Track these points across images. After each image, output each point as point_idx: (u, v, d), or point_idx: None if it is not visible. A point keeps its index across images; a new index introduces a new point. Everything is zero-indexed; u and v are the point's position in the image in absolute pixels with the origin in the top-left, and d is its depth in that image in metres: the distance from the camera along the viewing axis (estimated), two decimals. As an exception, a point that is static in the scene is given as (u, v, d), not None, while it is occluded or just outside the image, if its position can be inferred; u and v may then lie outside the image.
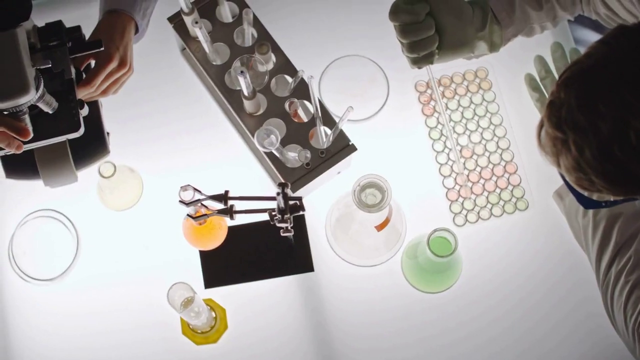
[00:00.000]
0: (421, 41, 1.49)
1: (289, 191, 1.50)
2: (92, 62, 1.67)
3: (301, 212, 1.51)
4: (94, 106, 1.67)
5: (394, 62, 1.82)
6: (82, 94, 1.60)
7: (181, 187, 1.51)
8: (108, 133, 1.69)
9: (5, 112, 1.44)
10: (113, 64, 1.62)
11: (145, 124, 1.83)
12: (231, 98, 1.67)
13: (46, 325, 1.73)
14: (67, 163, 1.62)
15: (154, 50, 1.83)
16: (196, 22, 1.56)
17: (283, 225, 1.51)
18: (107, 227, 1.78)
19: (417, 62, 1.53)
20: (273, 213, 1.52)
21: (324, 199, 1.75)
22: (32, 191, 1.76)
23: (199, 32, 1.58)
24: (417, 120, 1.82)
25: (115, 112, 1.76)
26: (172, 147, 1.82)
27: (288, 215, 1.50)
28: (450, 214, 1.77)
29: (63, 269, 1.73)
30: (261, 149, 1.58)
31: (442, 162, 1.79)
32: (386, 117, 1.81)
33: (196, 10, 1.63)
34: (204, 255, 1.75)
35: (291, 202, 1.51)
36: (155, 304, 1.72)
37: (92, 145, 1.66)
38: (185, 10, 1.62)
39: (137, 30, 1.69)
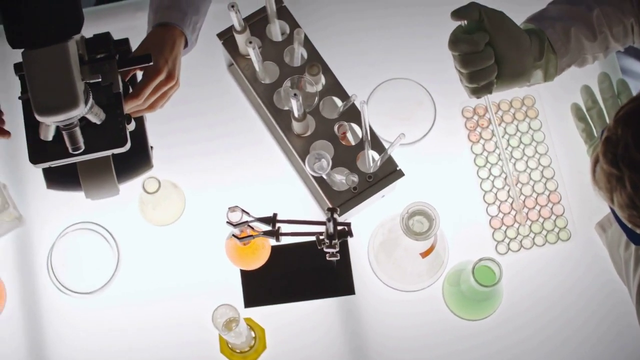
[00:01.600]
0: (481, 71, 1.48)
1: (337, 216, 1.49)
2: (138, 74, 1.66)
3: (349, 238, 1.51)
4: (139, 120, 1.66)
5: (441, 86, 1.81)
6: (129, 106, 1.59)
7: (229, 208, 1.50)
8: (152, 147, 1.68)
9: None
10: (161, 77, 1.61)
11: (189, 139, 1.82)
12: (279, 118, 1.66)
13: (82, 340, 1.73)
14: (109, 176, 1.61)
15: (200, 64, 1.82)
16: (250, 42, 1.55)
17: (331, 250, 1.50)
18: (148, 241, 1.77)
19: (477, 92, 1.52)
20: (321, 237, 1.51)
21: (366, 221, 1.74)
22: (71, 202, 1.74)
23: (252, 52, 1.57)
24: (462, 146, 1.81)
25: (159, 125, 1.76)
26: (216, 163, 1.81)
27: (336, 240, 1.50)
28: (492, 241, 1.76)
29: (102, 282, 1.72)
30: (311, 173, 1.57)
31: (486, 189, 1.78)
32: (431, 142, 1.79)
33: (248, 29, 1.62)
34: (245, 274, 1.74)
35: (339, 227, 1.50)
36: (194, 321, 1.72)
37: (135, 158, 1.65)
38: (238, 28, 1.61)
39: (186, 44, 1.68)
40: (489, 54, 1.46)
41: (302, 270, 1.75)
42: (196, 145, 1.82)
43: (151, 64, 1.58)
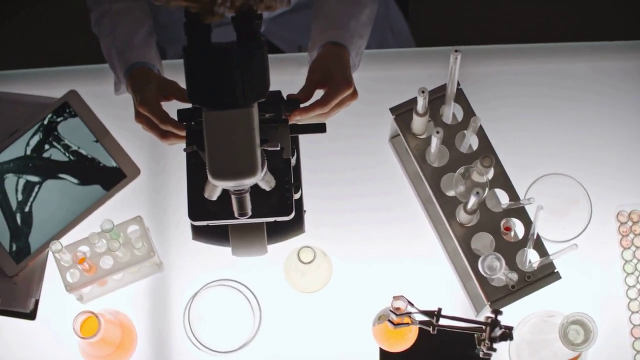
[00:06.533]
0: None
1: (500, 318, 1.47)
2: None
3: (508, 341, 1.48)
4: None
5: (596, 186, 1.79)
6: (314, 113, 1.57)
7: (394, 297, 1.48)
8: (305, 210, 1.65)
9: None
10: (349, 91, 1.60)
11: (341, 207, 1.79)
12: (444, 203, 1.63)
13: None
14: (260, 237, 1.58)
15: (360, 132, 1.80)
16: (437, 132, 1.52)
17: (490, 351, 1.48)
18: (290, 307, 1.75)
19: None
20: (481, 338, 1.49)
21: (507, 312, 1.71)
22: (213, 254, 1.69)
23: (435, 139, 1.54)
24: (612, 250, 1.79)
25: (314, 189, 1.73)
26: (366, 234, 1.78)
27: (497, 343, 1.47)
28: (632, 350, 1.73)
29: (240, 343, 1.69)
30: (482, 272, 1.54)
31: (632, 297, 1.75)
32: (581, 241, 1.75)
33: (429, 112, 1.59)
34: (384, 352, 1.71)
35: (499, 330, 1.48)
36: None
37: (289, 222, 1.61)
38: (420, 111, 1.58)
39: None
40: None
41: (440, 354, 1.72)
42: (348, 214, 1.79)
43: (325, 132, 1.56)
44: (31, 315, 1.74)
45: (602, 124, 1.84)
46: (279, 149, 1.44)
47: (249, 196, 1.42)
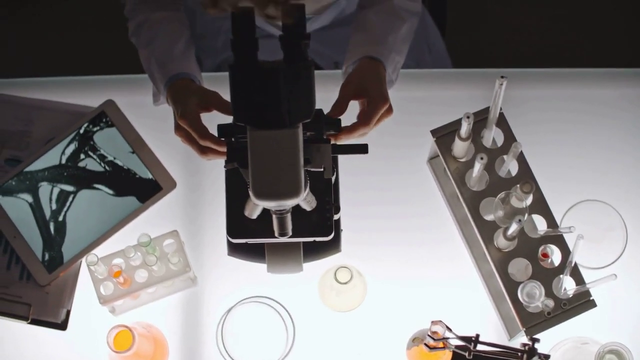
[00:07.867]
0: None
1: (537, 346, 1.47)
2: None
3: (538, 363, 1.49)
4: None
5: (632, 215, 1.79)
6: (358, 132, 1.56)
7: (432, 322, 1.48)
8: (341, 230, 1.65)
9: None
10: (386, 106, 1.58)
11: (377, 226, 1.79)
12: (482, 227, 1.63)
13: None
14: (296, 255, 1.58)
15: (396, 154, 1.80)
16: (482, 158, 1.52)
17: (528, 380, 1.48)
18: (324, 326, 1.74)
19: None
20: (519, 365, 1.49)
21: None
22: (247, 270, 1.69)
23: (478, 165, 1.54)
24: (647, 279, 1.78)
25: (350, 208, 1.72)
26: (401, 255, 1.78)
27: (535, 371, 1.48)
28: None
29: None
30: (520, 300, 1.54)
31: (667, 331, 1.75)
32: (615, 269, 1.75)
33: (471, 137, 1.59)
34: (416, 375, 1.72)
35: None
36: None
37: (326, 241, 1.61)
38: (464, 136, 1.58)
39: None
40: None
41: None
42: (384, 233, 1.78)
43: (367, 153, 1.54)
44: (62, 326, 1.74)
45: (641, 151, 1.84)
46: (322, 170, 1.44)
47: (290, 216, 1.43)
